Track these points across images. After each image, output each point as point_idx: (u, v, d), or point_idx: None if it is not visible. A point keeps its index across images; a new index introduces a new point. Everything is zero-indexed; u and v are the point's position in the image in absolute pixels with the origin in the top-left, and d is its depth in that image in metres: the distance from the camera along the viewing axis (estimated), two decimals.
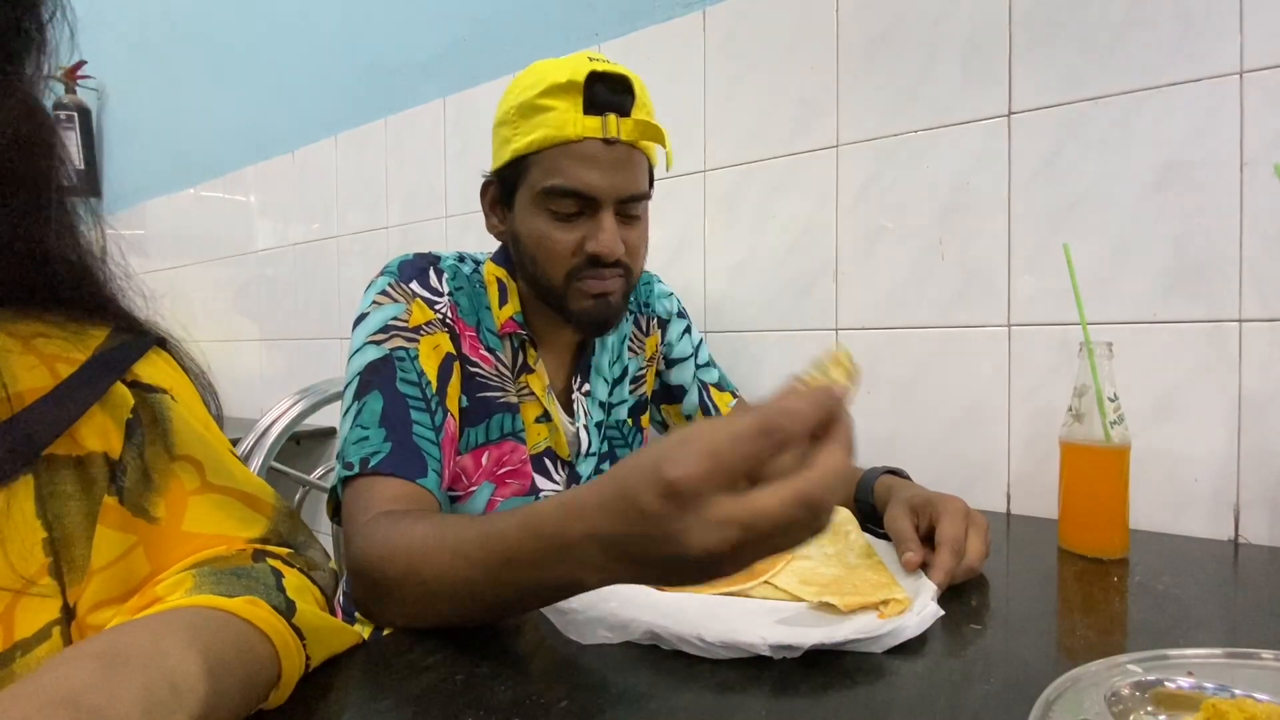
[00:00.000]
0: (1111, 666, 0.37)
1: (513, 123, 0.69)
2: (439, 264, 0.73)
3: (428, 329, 0.68)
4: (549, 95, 0.66)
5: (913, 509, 0.63)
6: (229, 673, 0.34)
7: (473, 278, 0.75)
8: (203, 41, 2.06)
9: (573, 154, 0.67)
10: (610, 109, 0.67)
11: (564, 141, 0.66)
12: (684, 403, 0.92)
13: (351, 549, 0.53)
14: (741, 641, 0.43)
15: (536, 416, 0.76)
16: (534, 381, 0.76)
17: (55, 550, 0.38)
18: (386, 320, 0.67)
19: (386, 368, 0.64)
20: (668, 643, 0.45)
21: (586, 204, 0.69)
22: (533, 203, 0.70)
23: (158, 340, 0.46)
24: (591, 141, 0.67)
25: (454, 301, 0.72)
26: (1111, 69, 0.79)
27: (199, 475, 0.44)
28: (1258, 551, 0.70)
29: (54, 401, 0.38)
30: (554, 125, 0.66)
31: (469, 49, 1.42)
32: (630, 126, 0.68)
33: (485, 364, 0.73)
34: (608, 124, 0.66)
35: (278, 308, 1.88)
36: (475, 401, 0.71)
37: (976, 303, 0.88)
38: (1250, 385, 0.73)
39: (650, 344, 0.89)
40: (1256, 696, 0.35)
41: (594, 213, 0.69)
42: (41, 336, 0.40)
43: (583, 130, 0.66)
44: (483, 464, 0.72)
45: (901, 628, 0.46)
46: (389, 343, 0.66)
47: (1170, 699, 0.36)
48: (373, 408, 0.62)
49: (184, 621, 0.34)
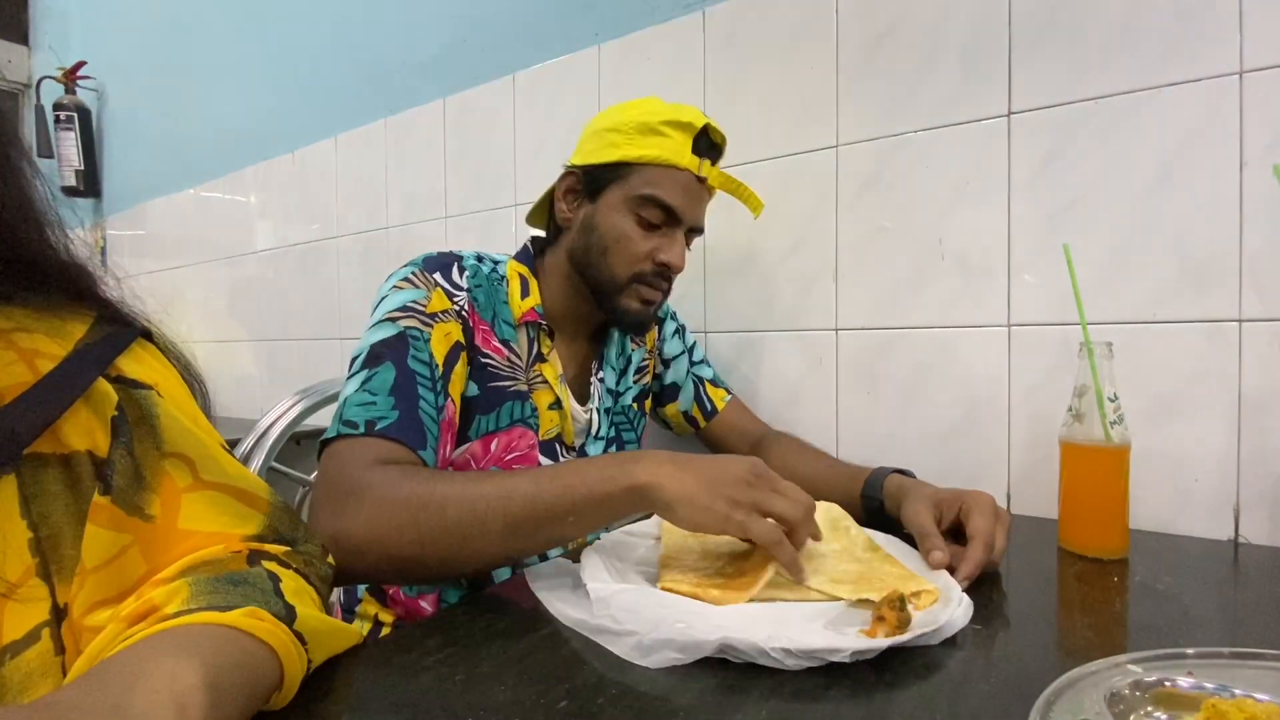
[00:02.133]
0: (1112, 666, 0.37)
1: (628, 134, 0.78)
2: (461, 261, 0.78)
3: (443, 316, 0.72)
4: (671, 126, 0.78)
5: (936, 504, 0.65)
6: (231, 687, 0.34)
7: (491, 276, 0.80)
8: (203, 41, 2.06)
9: (674, 178, 0.78)
10: (706, 156, 0.79)
11: (672, 165, 0.78)
12: (680, 398, 0.98)
13: (357, 490, 0.56)
14: (822, 648, 0.43)
15: (549, 404, 0.80)
16: (547, 370, 0.80)
17: (42, 551, 0.37)
18: (406, 302, 0.71)
19: (401, 343, 0.68)
20: (742, 655, 0.44)
21: (669, 220, 0.79)
22: (624, 203, 0.78)
23: (142, 332, 0.45)
24: (689, 174, 0.79)
25: (472, 298, 0.76)
26: (1111, 69, 0.79)
27: (190, 472, 0.43)
28: (1258, 551, 0.70)
29: (35, 398, 0.37)
30: (669, 151, 0.77)
31: (469, 49, 1.42)
32: (716, 174, 0.81)
33: (498, 355, 0.77)
34: (704, 167, 0.79)
35: (277, 308, 1.88)
36: (487, 390, 0.76)
37: (976, 303, 0.88)
38: (1250, 385, 0.73)
39: (650, 338, 0.96)
40: (1257, 696, 0.35)
41: (672, 230, 0.80)
42: (20, 331, 0.39)
43: (689, 163, 0.78)
44: (491, 450, 0.76)
45: (953, 619, 0.47)
46: (405, 320, 0.69)
47: (1170, 699, 0.36)
48: (384, 377, 0.65)
49: (183, 643, 0.34)
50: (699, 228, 0.83)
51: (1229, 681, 0.36)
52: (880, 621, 0.46)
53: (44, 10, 2.72)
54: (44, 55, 2.64)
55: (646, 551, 0.66)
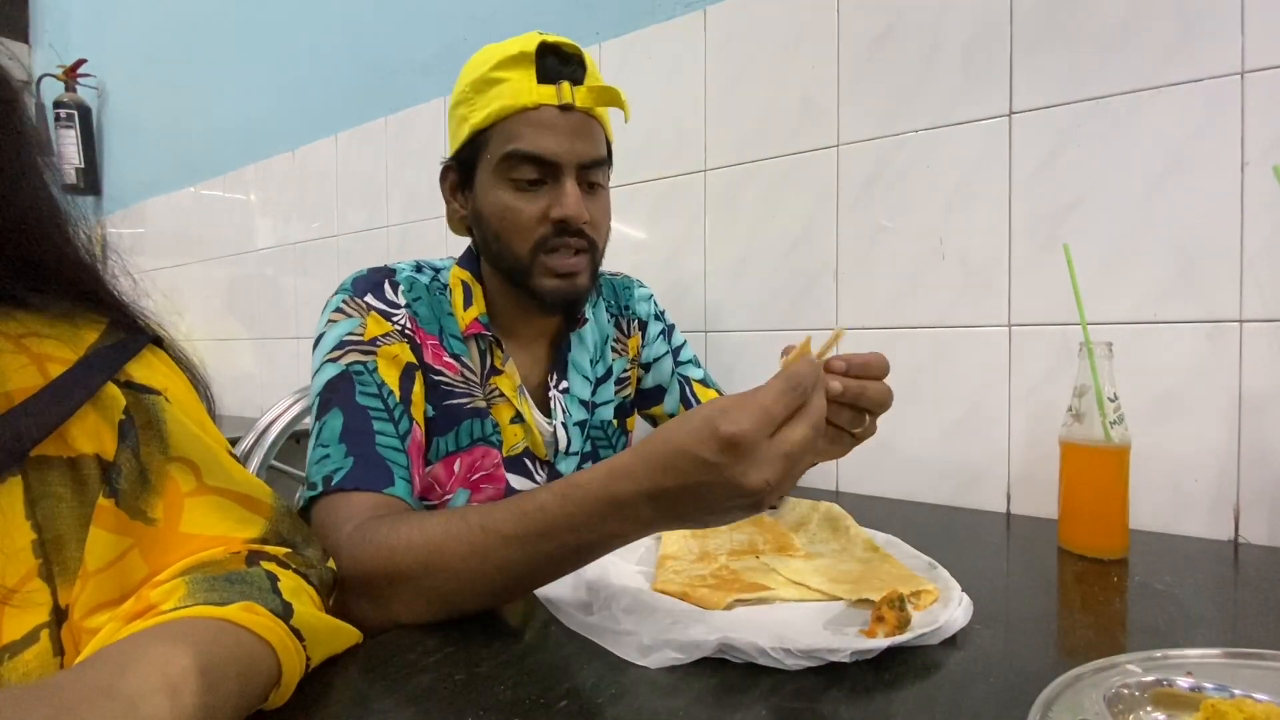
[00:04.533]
0: (1111, 666, 0.37)
1: (469, 100, 0.69)
2: (394, 277, 0.72)
3: (385, 340, 0.67)
4: (501, 68, 0.67)
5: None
6: (225, 676, 0.34)
7: (432, 286, 0.74)
8: (203, 41, 2.05)
9: (530, 121, 0.67)
10: (563, 78, 0.68)
11: (520, 109, 0.67)
12: (665, 401, 0.91)
13: (347, 562, 0.52)
14: (821, 648, 0.43)
15: (510, 418, 0.75)
16: (503, 383, 0.74)
17: (45, 552, 0.37)
18: (341, 336, 0.66)
19: (345, 384, 0.63)
20: (742, 655, 0.43)
21: (548, 171, 0.68)
22: (493, 175, 0.69)
23: (153, 339, 0.45)
24: (548, 109, 0.67)
25: (412, 313, 0.70)
26: (1111, 69, 0.79)
27: (195, 477, 0.43)
28: (1258, 551, 0.70)
29: (43, 401, 0.37)
30: (509, 95, 0.66)
31: (469, 49, 1.39)
32: (584, 93, 0.68)
33: (450, 370, 0.71)
34: (562, 91, 0.67)
35: (278, 307, 1.88)
36: (442, 410, 0.70)
37: (976, 303, 0.88)
38: (1250, 385, 0.73)
39: (633, 345, 0.89)
40: (1256, 696, 0.35)
41: (556, 180, 0.68)
42: (33, 336, 0.39)
43: (538, 98, 0.66)
44: (455, 471, 0.71)
45: (953, 619, 0.47)
46: (345, 358, 0.65)
47: (1170, 699, 0.36)
48: (332, 425, 0.61)
49: (176, 632, 0.34)
50: (593, 161, 0.70)
51: (1229, 681, 0.36)
52: (880, 621, 0.46)
53: (44, 8, 2.72)
54: (44, 53, 2.64)
55: (646, 551, 0.66)
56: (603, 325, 0.86)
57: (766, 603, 0.53)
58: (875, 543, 0.63)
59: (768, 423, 0.42)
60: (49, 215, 0.41)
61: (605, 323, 0.87)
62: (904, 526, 0.68)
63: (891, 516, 0.83)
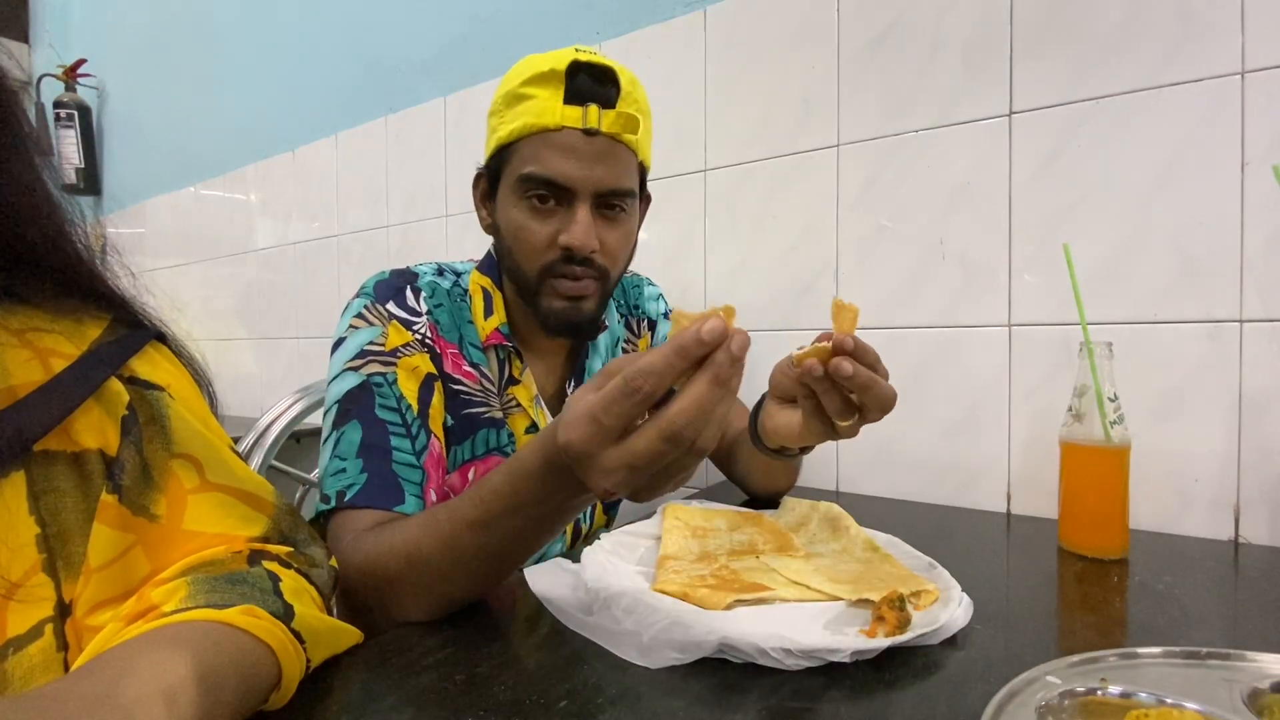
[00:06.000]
0: (1032, 682, 0.37)
1: (499, 112, 0.69)
2: (416, 282, 0.72)
3: (405, 350, 0.67)
4: (531, 84, 0.66)
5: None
6: (224, 682, 0.34)
7: (453, 292, 0.73)
8: (203, 41, 2.05)
9: (551, 143, 0.65)
10: (592, 100, 0.66)
11: (542, 129, 0.65)
12: None
13: (345, 573, 0.53)
14: (821, 648, 0.43)
15: (526, 428, 0.75)
16: (520, 393, 0.74)
17: (50, 547, 0.37)
18: (362, 345, 0.66)
19: (365, 395, 0.63)
20: (742, 655, 0.44)
21: (562, 195, 0.67)
22: (512, 191, 0.68)
23: (156, 334, 0.45)
24: (570, 131, 0.65)
25: (433, 320, 0.70)
26: (1111, 69, 0.79)
27: (198, 473, 0.43)
28: (1258, 551, 0.70)
29: (46, 396, 0.37)
30: (534, 114, 0.65)
31: (469, 48, 1.41)
32: (612, 119, 0.66)
33: (469, 380, 0.71)
34: (588, 114, 0.65)
35: (278, 306, 1.88)
36: (460, 419, 0.70)
37: (976, 303, 0.88)
38: (1250, 385, 0.73)
39: (643, 345, 0.89)
40: (1185, 705, 0.34)
41: (569, 205, 0.67)
42: (36, 330, 0.39)
43: (562, 119, 0.65)
44: (470, 480, 0.71)
45: (953, 619, 0.47)
46: (366, 368, 0.65)
47: (1098, 708, 0.36)
48: (350, 438, 0.62)
49: (175, 637, 0.34)
50: (613, 190, 0.68)
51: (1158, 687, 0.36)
52: (880, 621, 0.46)
53: (44, 8, 2.72)
54: (44, 53, 2.64)
55: (646, 551, 0.66)
56: (614, 326, 0.87)
57: (766, 603, 0.53)
58: (875, 543, 0.64)
59: (599, 434, 0.38)
60: (48, 214, 0.41)
61: (616, 323, 0.87)
62: (904, 526, 0.68)
63: (891, 516, 0.83)
